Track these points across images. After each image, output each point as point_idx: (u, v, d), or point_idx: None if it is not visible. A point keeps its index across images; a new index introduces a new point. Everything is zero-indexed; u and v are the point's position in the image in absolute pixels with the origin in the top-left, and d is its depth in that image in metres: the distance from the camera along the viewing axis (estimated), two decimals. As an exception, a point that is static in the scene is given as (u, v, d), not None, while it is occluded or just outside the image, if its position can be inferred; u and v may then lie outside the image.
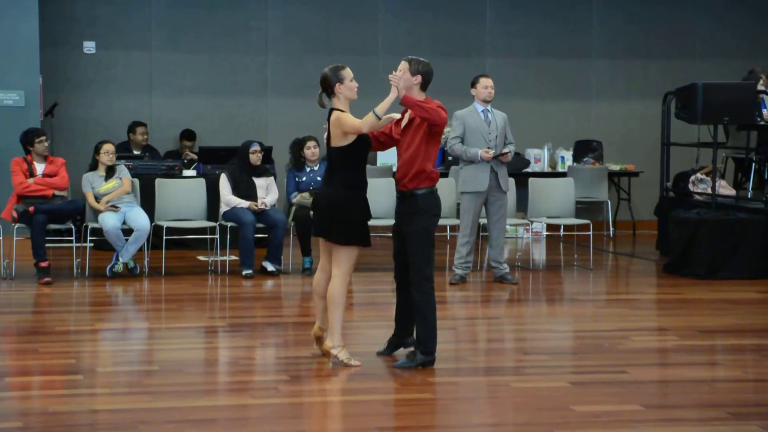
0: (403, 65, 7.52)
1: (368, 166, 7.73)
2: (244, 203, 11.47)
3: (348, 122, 7.27)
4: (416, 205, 7.43)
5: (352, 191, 7.35)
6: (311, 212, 7.94)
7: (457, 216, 11.59)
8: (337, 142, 7.34)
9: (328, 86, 7.39)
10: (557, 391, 6.98)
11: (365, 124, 7.20)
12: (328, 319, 7.43)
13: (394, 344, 7.77)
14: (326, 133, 7.45)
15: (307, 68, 15.19)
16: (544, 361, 7.88)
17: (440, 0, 15.60)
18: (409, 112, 7.47)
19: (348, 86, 7.37)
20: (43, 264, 10.95)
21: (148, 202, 11.78)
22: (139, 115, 14.58)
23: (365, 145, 7.41)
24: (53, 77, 14.25)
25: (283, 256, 11.63)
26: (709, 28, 16.15)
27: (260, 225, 11.48)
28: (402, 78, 7.41)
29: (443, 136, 14.61)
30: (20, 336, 8.80)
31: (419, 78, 7.51)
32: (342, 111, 7.34)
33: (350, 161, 7.36)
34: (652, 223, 14.24)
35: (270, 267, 11.48)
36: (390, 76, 7.29)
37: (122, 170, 11.60)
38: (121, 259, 11.18)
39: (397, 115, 7.48)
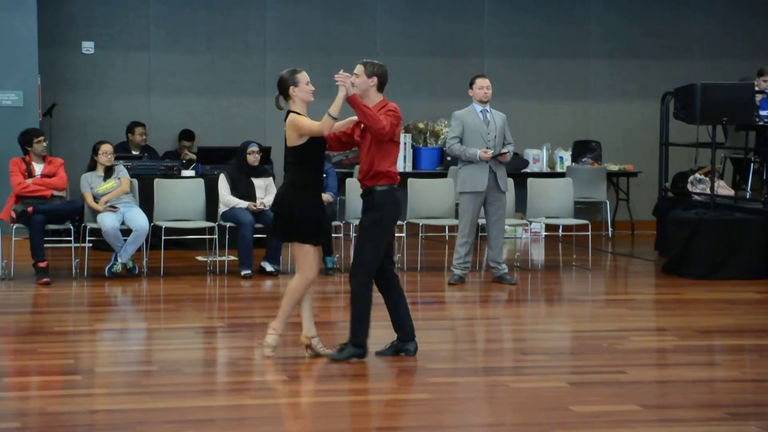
0: (359, 68, 7.65)
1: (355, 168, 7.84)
2: (243, 203, 11.47)
3: (305, 125, 7.43)
4: (374, 200, 7.58)
5: (303, 191, 7.52)
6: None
7: (456, 216, 11.60)
8: (292, 142, 7.50)
9: (284, 89, 7.57)
10: (556, 391, 6.99)
11: (323, 126, 7.38)
12: (281, 304, 7.63)
13: (396, 348, 7.80)
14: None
15: (306, 68, 15.15)
16: (543, 361, 7.88)
17: (439, 0, 15.60)
18: None
19: (303, 89, 7.54)
20: (42, 264, 10.95)
21: (146, 203, 11.79)
22: (137, 116, 14.58)
23: (319, 146, 7.55)
24: (52, 77, 14.25)
25: (282, 257, 11.63)
26: (708, 28, 16.16)
27: (259, 225, 11.48)
28: (357, 81, 7.54)
29: (441, 137, 14.74)
30: (19, 336, 8.80)
31: (375, 80, 7.65)
32: (298, 113, 7.48)
33: (304, 161, 7.52)
34: (651, 224, 14.25)
35: (269, 267, 11.49)
36: (336, 75, 7.41)
37: (121, 170, 11.60)
38: (119, 260, 11.18)
39: (356, 118, 7.58)
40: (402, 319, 7.76)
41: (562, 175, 14.34)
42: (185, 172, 13.12)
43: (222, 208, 11.58)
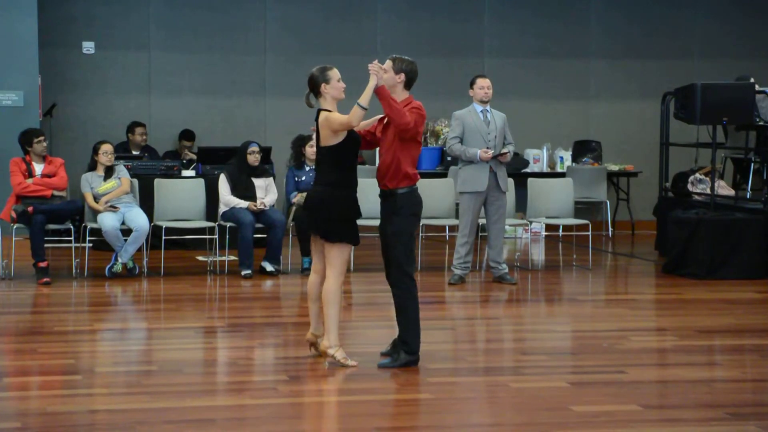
0: (388, 63, 7.55)
1: (365, 167, 7.76)
2: (243, 203, 11.47)
3: (337, 120, 7.33)
4: (396, 203, 7.49)
5: (342, 190, 7.42)
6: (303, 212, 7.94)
7: (456, 216, 11.60)
8: (327, 141, 7.39)
9: (315, 87, 7.47)
10: (556, 391, 6.99)
11: (353, 117, 7.26)
12: (324, 319, 7.45)
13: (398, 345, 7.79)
14: (315, 134, 7.50)
15: (306, 68, 14.90)
16: (543, 361, 7.88)
17: (439, 0, 15.60)
18: None
19: (334, 86, 7.44)
20: (42, 264, 10.95)
21: (147, 203, 11.79)
22: (137, 116, 14.58)
23: (355, 144, 7.47)
24: (52, 77, 14.25)
25: (282, 257, 11.64)
26: (707, 28, 16.16)
27: (259, 225, 11.48)
28: (385, 76, 7.44)
29: (441, 137, 14.74)
30: (19, 336, 8.79)
31: (403, 76, 7.56)
32: (329, 111, 7.39)
33: (340, 160, 7.41)
34: (651, 224, 14.24)
35: (269, 267, 11.49)
36: (370, 65, 7.33)
37: (121, 170, 11.60)
38: (120, 260, 11.18)
39: (379, 116, 7.54)
40: None
41: (562, 175, 14.34)
42: (185, 172, 13.12)
43: (222, 208, 11.58)
